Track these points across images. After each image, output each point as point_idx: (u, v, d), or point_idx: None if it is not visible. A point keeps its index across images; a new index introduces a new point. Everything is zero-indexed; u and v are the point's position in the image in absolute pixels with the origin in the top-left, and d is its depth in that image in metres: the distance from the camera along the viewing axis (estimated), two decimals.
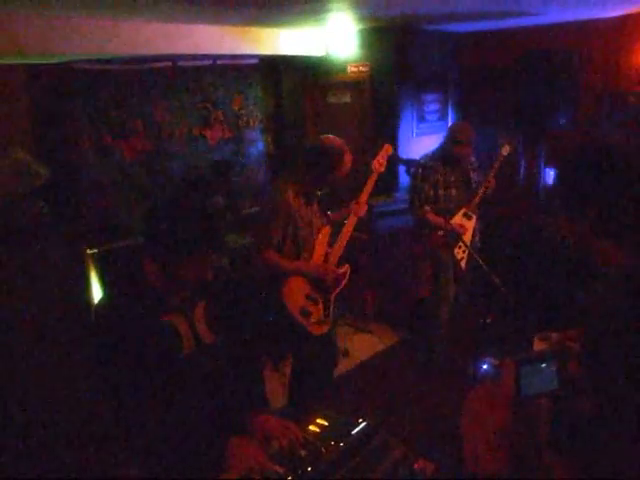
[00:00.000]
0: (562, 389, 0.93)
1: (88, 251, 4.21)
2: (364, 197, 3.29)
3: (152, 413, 1.73)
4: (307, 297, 3.15)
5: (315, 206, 3.22)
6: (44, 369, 3.23)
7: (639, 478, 1.01)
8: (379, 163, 3.32)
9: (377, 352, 4.65)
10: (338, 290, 3.28)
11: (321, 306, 3.19)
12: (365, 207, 3.31)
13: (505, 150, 4.16)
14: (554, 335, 1.58)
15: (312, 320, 3.13)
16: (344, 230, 3.24)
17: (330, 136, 3.12)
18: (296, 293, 3.11)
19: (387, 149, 3.35)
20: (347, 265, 3.31)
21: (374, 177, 3.31)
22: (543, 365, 0.94)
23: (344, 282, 3.30)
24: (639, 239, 1.24)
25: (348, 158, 3.08)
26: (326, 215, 3.34)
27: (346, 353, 4.54)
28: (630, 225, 1.24)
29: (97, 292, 4.12)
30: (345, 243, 3.25)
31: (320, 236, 3.20)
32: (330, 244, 3.26)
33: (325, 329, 3.22)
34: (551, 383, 0.94)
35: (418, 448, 1.92)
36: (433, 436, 3.32)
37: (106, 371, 1.73)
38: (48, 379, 3.20)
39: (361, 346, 4.69)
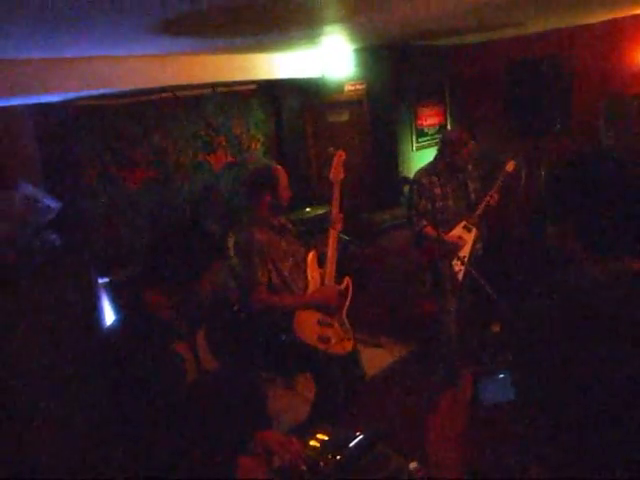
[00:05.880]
0: (518, 399, 0.96)
1: (100, 281, 4.31)
2: (335, 210, 3.31)
3: (158, 438, 1.78)
4: (320, 323, 3.11)
5: (289, 236, 3.23)
6: (55, 396, 3.31)
7: None
8: (336, 171, 3.32)
9: (387, 365, 4.66)
10: (347, 304, 3.28)
11: (337, 326, 3.17)
12: (340, 218, 3.32)
13: (509, 167, 4.12)
14: None
15: (333, 342, 3.09)
16: (329, 246, 3.24)
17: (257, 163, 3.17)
18: (308, 324, 3.07)
19: (340, 155, 3.34)
20: (347, 277, 3.31)
21: (337, 187, 3.31)
22: (501, 375, 0.98)
23: (349, 295, 3.30)
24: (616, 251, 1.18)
25: (282, 174, 3.13)
26: (304, 242, 3.37)
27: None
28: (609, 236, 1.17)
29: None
30: (335, 259, 3.25)
31: (309, 262, 3.21)
32: (320, 265, 3.27)
33: (349, 346, 3.18)
34: (508, 393, 0.97)
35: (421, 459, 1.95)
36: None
37: (115, 399, 1.78)
38: (59, 407, 3.28)
39: (371, 360, 4.69)
